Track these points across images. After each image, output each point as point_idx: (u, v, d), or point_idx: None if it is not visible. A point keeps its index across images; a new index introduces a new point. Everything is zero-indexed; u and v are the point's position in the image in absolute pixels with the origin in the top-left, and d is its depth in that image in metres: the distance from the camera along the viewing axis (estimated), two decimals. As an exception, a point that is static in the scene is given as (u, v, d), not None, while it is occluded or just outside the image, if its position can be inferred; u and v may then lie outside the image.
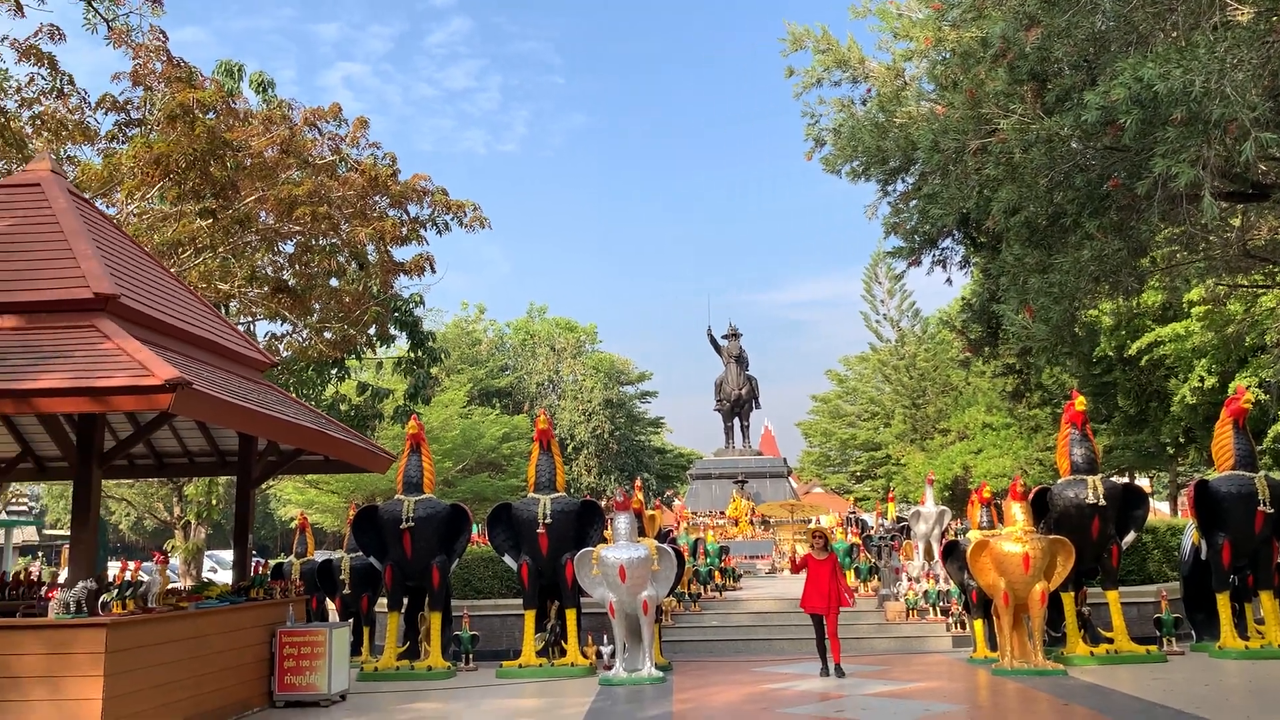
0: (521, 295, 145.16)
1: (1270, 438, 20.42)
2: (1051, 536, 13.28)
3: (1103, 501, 13.68)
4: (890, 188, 15.39)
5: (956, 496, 36.21)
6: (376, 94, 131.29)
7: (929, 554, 18.88)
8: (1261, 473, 13.84)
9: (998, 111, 9.59)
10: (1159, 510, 39.44)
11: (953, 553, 15.09)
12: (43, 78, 16.25)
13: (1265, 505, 13.41)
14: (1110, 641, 13.95)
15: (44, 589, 12.21)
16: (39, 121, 16.29)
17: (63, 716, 8.37)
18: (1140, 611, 15.90)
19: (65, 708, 8.38)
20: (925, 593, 17.08)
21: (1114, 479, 16.25)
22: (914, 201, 14.26)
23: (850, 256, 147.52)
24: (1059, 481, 14.29)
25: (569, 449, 56.90)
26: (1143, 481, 40.77)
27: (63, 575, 20.21)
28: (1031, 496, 13.90)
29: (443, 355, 26.58)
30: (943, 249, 15.92)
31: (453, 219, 21.36)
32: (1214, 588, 14.07)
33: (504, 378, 62.57)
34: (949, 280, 17.20)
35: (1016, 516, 13.10)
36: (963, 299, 22.30)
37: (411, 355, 23.23)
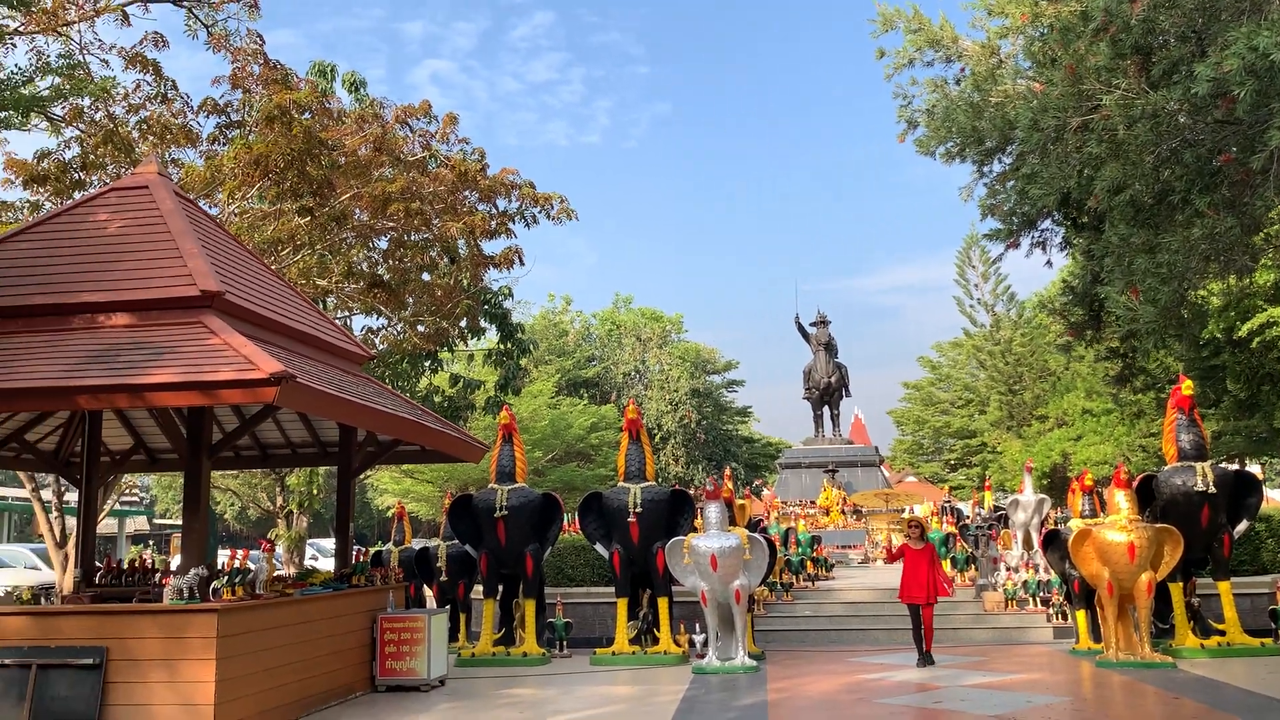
0: (607, 286, 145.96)
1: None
2: (1158, 525, 12.85)
3: (1213, 489, 13.18)
4: (986, 169, 14.99)
5: (1055, 484, 35.25)
6: (462, 89, 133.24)
7: (1028, 543, 18.46)
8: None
9: (1100, 87, 9.25)
10: (1273, 498, 37.82)
11: (1053, 542, 14.72)
12: (148, 84, 16.90)
13: (1391, 493, 12.77)
14: (1222, 634, 13.44)
15: (157, 576, 12.76)
16: (145, 126, 16.93)
17: (179, 697, 8.71)
18: (1254, 603, 15.31)
19: (181, 689, 8.71)
20: (1025, 583, 16.70)
21: (1224, 466, 15.63)
22: (1012, 182, 13.85)
23: (941, 241, 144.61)
24: (1165, 468, 13.81)
25: (655, 439, 57.00)
26: (1254, 468, 39.14)
27: (174, 562, 21.06)
28: (1137, 484, 13.47)
29: (531, 347, 26.88)
30: (1042, 230, 15.45)
31: (540, 211, 21.54)
32: (1335, 579, 13.46)
33: (591, 368, 62.96)
34: (1049, 262, 16.69)
35: (1121, 505, 12.69)
36: (1063, 281, 21.61)
37: (501, 347, 23.55)
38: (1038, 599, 16.54)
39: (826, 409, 36.41)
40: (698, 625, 14.17)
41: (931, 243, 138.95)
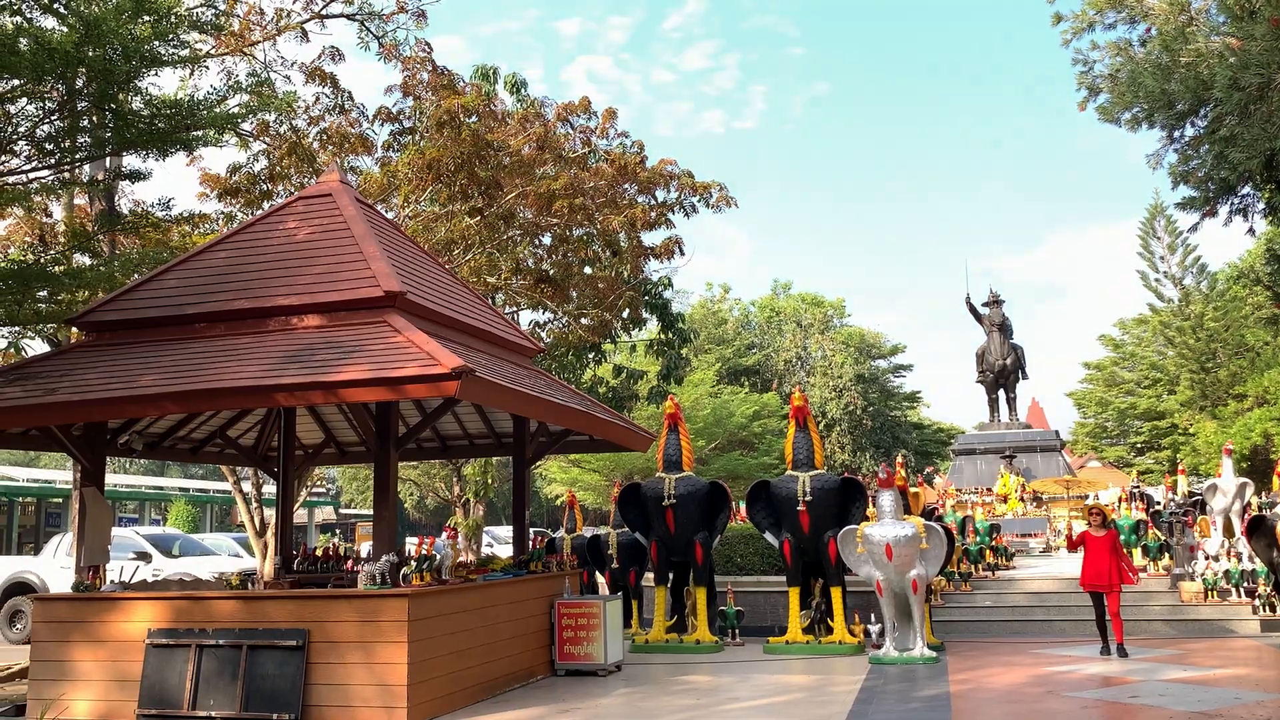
0: (765, 273, 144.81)
1: None
2: (1383, 512, 11.81)
3: None
4: (1177, 134, 14.04)
5: (1256, 468, 32.83)
6: (617, 84, 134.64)
7: (1228, 530, 17.26)
8: None
9: (1308, 38, 8.53)
10: None
11: (1259, 528, 13.76)
12: (326, 96, 17.83)
13: None
14: None
15: (346, 562, 13.48)
16: (325, 136, 17.87)
17: (374, 678, 9.17)
18: None
19: (376, 670, 9.18)
20: (1226, 572, 15.63)
21: None
22: (1206, 147, 12.92)
23: (1120, 212, 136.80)
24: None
25: (820, 426, 56.25)
26: None
27: (363, 549, 22.19)
28: (1356, 467, 12.41)
29: (692, 336, 26.94)
30: (1243, 196, 14.35)
31: (699, 200, 21.56)
32: None
33: (751, 356, 62.70)
34: (1251, 230, 15.46)
35: (1338, 490, 11.73)
36: (1268, 250, 20.06)
37: (662, 337, 23.72)
38: (1242, 589, 15.46)
39: (1002, 392, 35.01)
40: (872, 615, 13.92)
41: (1108, 213, 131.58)
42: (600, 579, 17.52)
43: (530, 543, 13.62)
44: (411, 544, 11.75)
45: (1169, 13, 14.31)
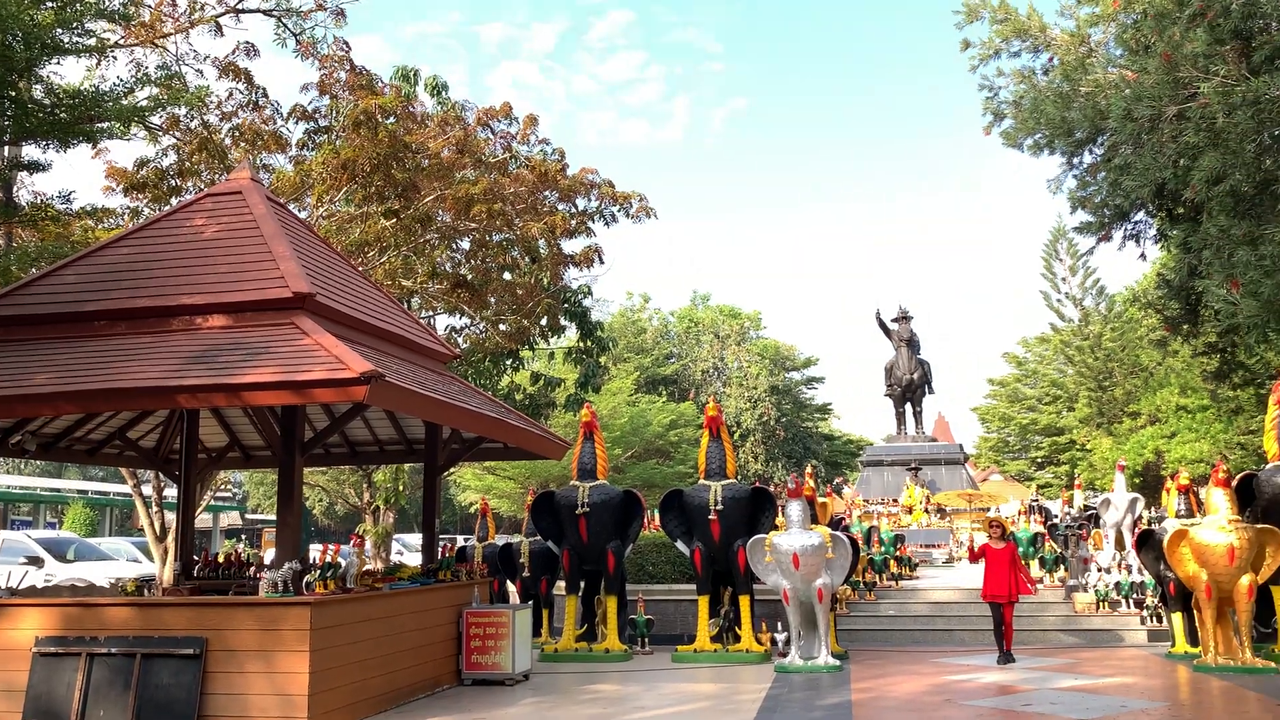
0: (685, 283, 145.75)
1: None
2: (1259, 526, 12.40)
3: (1319, 489, 12.66)
4: (1076, 160, 14.61)
5: (1148, 483, 34.18)
6: (540, 91, 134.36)
7: (1120, 543, 17.96)
8: None
9: (1197, 74, 8.94)
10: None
11: (1148, 542, 14.32)
12: (240, 92, 17.41)
13: None
14: (1329, 640, 12.92)
15: (251, 569, 13.16)
16: (237, 133, 17.45)
17: (274, 688, 8.97)
18: (1365, 609, 14.65)
19: (276, 680, 8.98)
20: (1117, 584, 16.25)
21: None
22: (1103, 174, 13.47)
23: (1025, 233, 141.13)
24: (1267, 467, 13.30)
25: (734, 436, 56.78)
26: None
27: (267, 556, 21.68)
28: (1236, 483, 13.01)
29: (610, 344, 27.02)
30: (1136, 223, 14.99)
31: (619, 210, 21.65)
32: None
33: (669, 365, 63.03)
34: (1143, 255, 16.18)
35: (1219, 504, 12.27)
36: (1158, 275, 20.94)
37: (581, 345, 23.73)
38: (1131, 601, 16.09)
39: (909, 406, 35.86)
40: (779, 624, 14.11)
41: (1015, 236, 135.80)
42: (511, 587, 17.42)
43: (440, 551, 13.49)
44: (316, 551, 11.54)
45: (1070, 44, 14.89)
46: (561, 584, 15.88)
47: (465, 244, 20.31)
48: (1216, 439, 32.76)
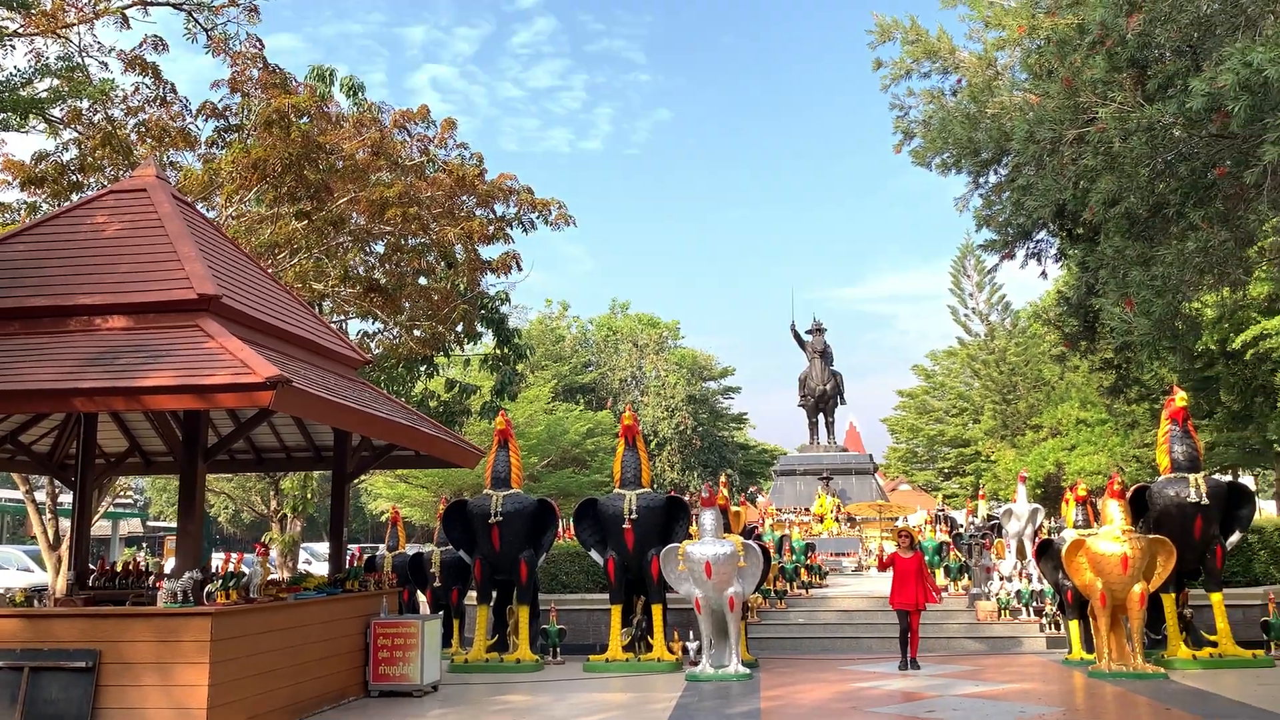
0: (605, 292, 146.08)
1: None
2: (1151, 536, 12.89)
3: (1205, 500, 13.22)
4: (982, 180, 15.07)
5: (1049, 494, 35.26)
6: (462, 95, 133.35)
7: (1021, 553, 18.46)
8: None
9: (1096, 100, 9.30)
10: (1265, 510, 37.86)
11: (1047, 552, 14.76)
12: (147, 87, 16.91)
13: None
14: (1214, 645, 13.48)
15: (150, 578, 12.75)
16: (143, 129, 16.94)
17: (171, 701, 8.71)
18: (1246, 615, 15.36)
19: (173, 693, 8.71)
20: (1018, 592, 16.71)
21: (1217, 477, 15.66)
22: (1007, 194, 13.91)
23: (936, 249, 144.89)
24: (1159, 479, 13.85)
25: (652, 445, 56.97)
26: (1248, 480, 39.20)
27: (168, 565, 21.01)
28: (1130, 495, 13.50)
29: (528, 352, 26.82)
30: (1037, 242, 15.52)
31: (538, 217, 21.55)
32: (1327, 591, 13.49)
33: (587, 374, 62.96)
34: (1044, 274, 16.76)
35: (1114, 515, 12.73)
36: (1058, 293, 21.68)
37: (498, 352, 23.52)
38: (1031, 609, 16.55)
39: (821, 416, 36.44)
40: (691, 632, 14.18)
41: (928, 251, 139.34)
42: (422, 597, 17.17)
43: (348, 560, 13.25)
44: (219, 560, 11.23)
45: (978, 66, 15.36)
46: (473, 594, 15.71)
47: (379, 247, 20.01)
48: (1114, 452, 33.93)
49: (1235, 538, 14.11)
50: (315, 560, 34.72)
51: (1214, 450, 28.14)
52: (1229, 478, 25.62)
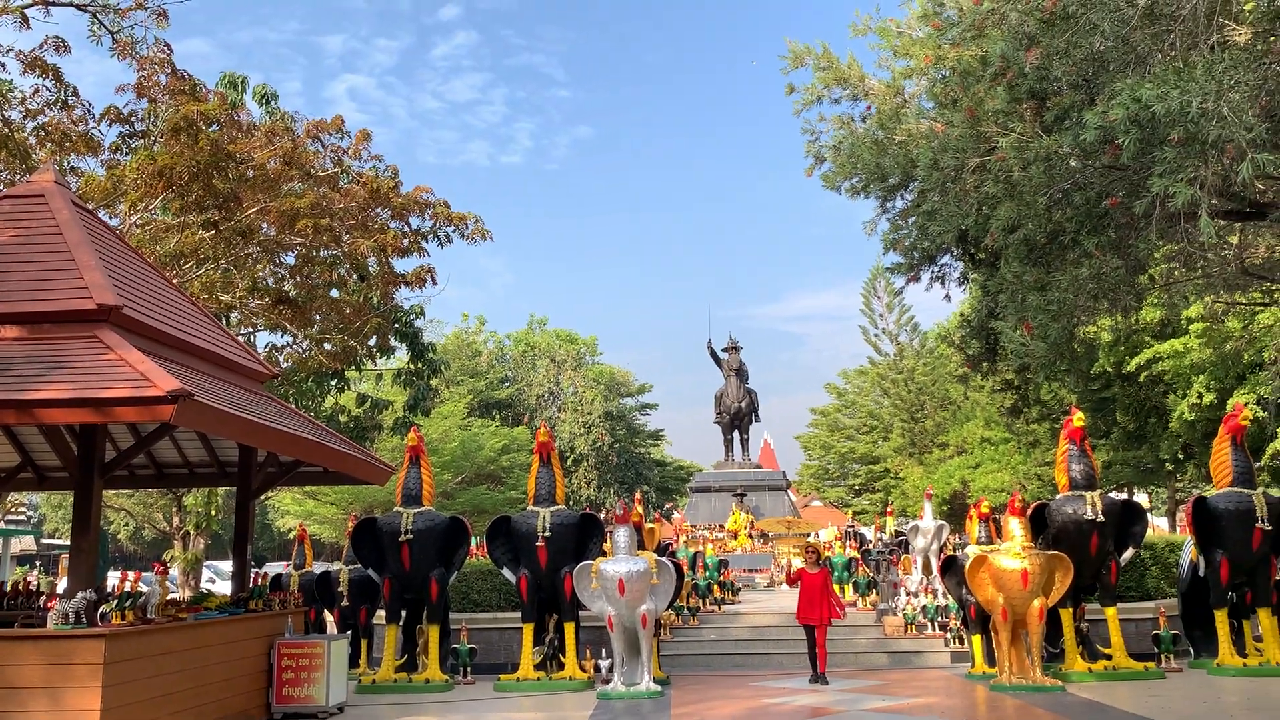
0: (522, 307, 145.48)
1: (1269, 455, 20.45)
2: (1050, 552, 13.29)
3: (1101, 517, 13.69)
4: (889, 204, 15.49)
5: (955, 511, 36.18)
6: (381, 106, 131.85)
7: (927, 568, 18.87)
8: (1259, 490, 13.85)
9: (997, 130, 9.65)
10: (1157, 526, 39.38)
11: (951, 567, 15.10)
12: (47, 89, 16.36)
13: (1263, 523, 13.41)
14: (1108, 658, 13.93)
15: (42, 599, 12.22)
16: (43, 133, 16.39)
17: (61, 727, 8.37)
18: (1138, 628, 15.91)
19: (64, 719, 8.37)
20: (924, 608, 17.07)
21: (1113, 495, 16.25)
22: (913, 218, 14.32)
23: (850, 270, 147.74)
24: (1058, 497, 14.30)
25: (569, 461, 56.84)
26: (1141, 497, 40.76)
27: (61, 585, 20.19)
28: (1030, 512, 13.91)
29: (443, 367, 26.57)
30: (941, 265, 15.98)
31: (454, 231, 21.42)
32: (1212, 605, 14.07)
33: (504, 389, 62.57)
34: (947, 296, 17.32)
35: (1015, 532, 13.11)
36: (961, 315, 22.36)
37: (411, 367, 23.26)
38: (936, 624, 16.90)
39: (737, 433, 36.83)
40: (604, 650, 14.16)
41: (843, 272, 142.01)
42: (329, 617, 16.82)
43: (252, 579, 12.91)
44: (116, 579, 10.85)
45: (886, 94, 15.80)
46: (382, 613, 15.44)
47: (290, 259, 19.63)
48: (1016, 470, 35.00)
49: (1129, 554, 14.65)
50: (219, 579, 33.76)
51: (1110, 469, 29.24)
52: (1124, 496, 26.65)
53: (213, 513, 23.20)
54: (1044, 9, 8.67)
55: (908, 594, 17.76)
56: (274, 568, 27.38)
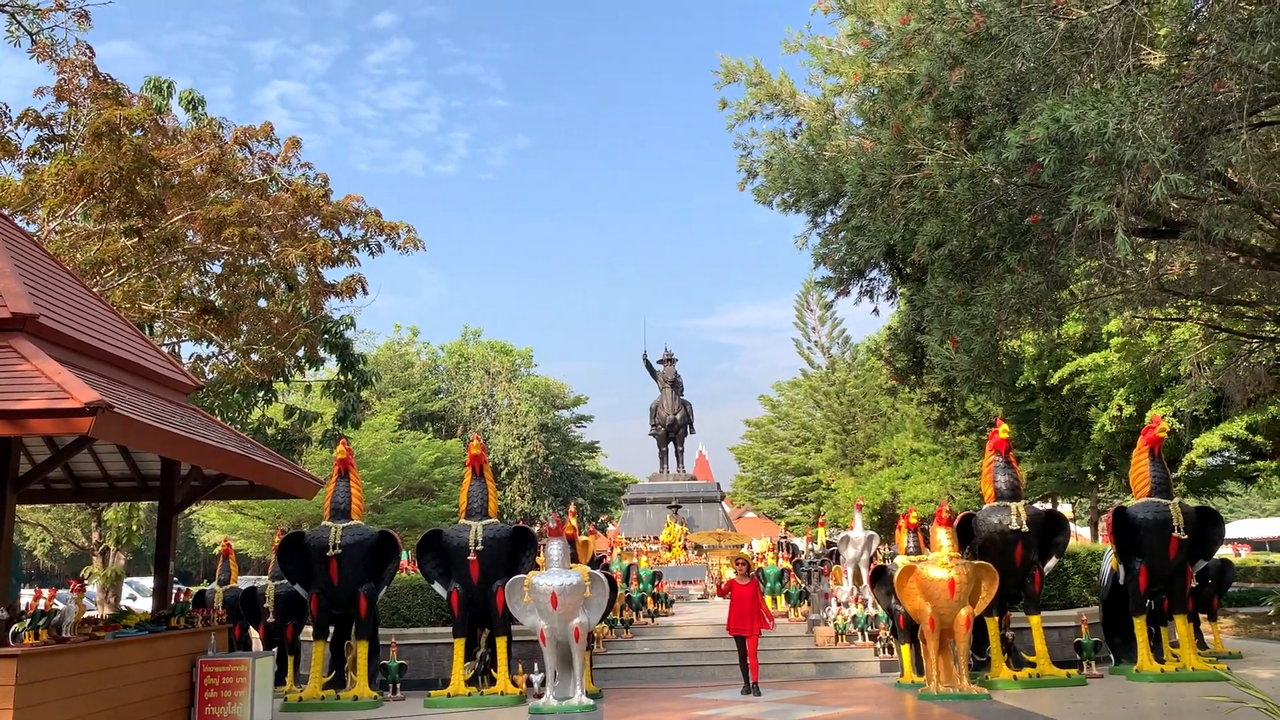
0: (457, 318, 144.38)
1: (1185, 465, 21.11)
2: (976, 562, 13.53)
3: (1025, 527, 13.99)
4: (820, 219, 15.73)
5: (885, 522, 36.68)
6: (313, 113, 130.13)
7: (858, 579, 19.09)
8: (1176, 500, 14.27)
9: (923, 147, 9.86)
10: (1080, 536, 40.41)
11: (880, 578, 15.29)
12: (-39, 90, 15.85)
13: (1180, 531, 13.80)
14: (1033, 665, 14.22)
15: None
16: (-44, 136, 15.87)
17: (-32, 752, 8.06)
18: (1062, 636, 16.25)
19: (-29, 743, 8.07)
20: (854, 617, 17.24)
21: (1037, 505, 16.60)
22: (842, 233, 14.56)
23: (785, 284, 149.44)
24: (983, 508, 14.57)
25: (502, 474, 56.43)
26: (1065, 508, 41.73)
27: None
28: (957, 522, 14.17)
29: (374, 378, 26.23)
30: (870, 280, 16.26)
31: (386, 240, 21.21)
32: (1131, 612, 14.44)
33: (437, 401, 61.90)
34: (876, 310, 17.62)
35: (942, 542, 13.33)
36: (889, 329, 22.75)
37: (341, 378, 22.93)
38: (866, 633, 17.08)
39: (672, 445, 36.94)
40: (536, 665, 14.06)
41: (777, 285, 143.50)
42: (254, 634, 16.46)
43: (174, 595, 12.59)
44: (30, 596, 10.49)
45: (817, 110, 16.05)
46: (309, 629, 15.16)
47: (216, 268, 19.25)
48: (945, 481, 35.61)
49: (1052, 563, 14.99)
50: (141, 596, 32.87)
51: (1035, 480, 29.90)
52: (1048, 506, 27.26)
53: (134, 528, 22.58)
54: (968, 30, 8.89)
55: (838, 604, 17.93)
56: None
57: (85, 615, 10.47)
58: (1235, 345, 14.22)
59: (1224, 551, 28.00)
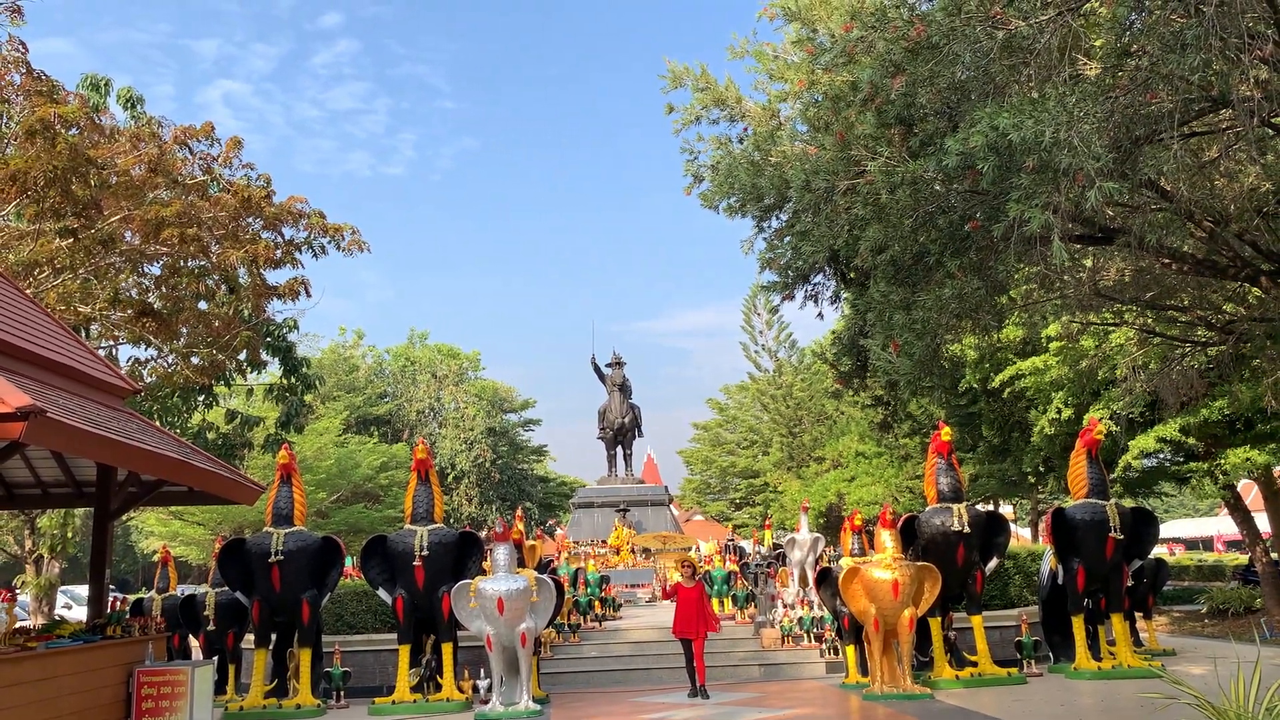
0: (403, 321, 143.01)
1: (1121, 467, 21.54)
2: (919, 563, 13.72)
3: (967, 529, 14.22)
4: (765, 224, 15.84)
5: (831, 524, 37.02)
6: (258, 113, 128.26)
7: (804, 581, 19.23)
8: (1113, 501, 14.60)
9: (866, 153, 9.99)
10: (1021, 537, 41.08)
11: (826, 579, 15.43)
12: (-114, 86, 15.41)
13: (1116, 532, 14.12)
14: (974, 665, 14.45)
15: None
16: (-119, 132, 15.40)
17: (-109, 769, 7.82)
18: (1002, 635, 16.53)
19: (-106, 759, 7.83)
20: (800, 619, 17.38)
21: (978, 507, 16.89)
22: (787, 238, 14.69)
23: (733, 287, 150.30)
24: (926, 509, 14.77)
25: (449, 478, 56.01)
26: (1006, 509, 42.45)
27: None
28: (900, 524, 14.35)
29: (318, 382, 25.85)
30: (814, 284, 16.42)
31: (330, 242, 20.94)
32: (1069, 611, 14.74)
33: (383, 405, 61.27)
34: (820, 315, 17.76)
35: (886, 544, 13.50)
36: (833, 333, 22.97)
37: (284, 382, 22.58)
38: (812, 635, 17.22)
39: (620, 449, 36.93)
40: (482, 670, 13.98)
41: (725, 289, 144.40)
42: (194, 642, 16.16)
43: (110, 604, 12.32)
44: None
45: (763, 116, 16.19)
46: (251, 637, 14.92)
47: (155, 269, 18.87)
48: (890, 483, 36.01)
49: (993, 563, 15.26)
50: (76, 605, 32.06)
51: (977, 482, 30.35)
52: (989, 507, 27.70)
53: (69, 535, 22.06)
54: (909, 38, 9.02)
55: (785, 606, 18.05)
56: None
57: (17, 625, 10.20)
58: (1169, 349, 14.57)
59: (1159, 551, 28.70)
